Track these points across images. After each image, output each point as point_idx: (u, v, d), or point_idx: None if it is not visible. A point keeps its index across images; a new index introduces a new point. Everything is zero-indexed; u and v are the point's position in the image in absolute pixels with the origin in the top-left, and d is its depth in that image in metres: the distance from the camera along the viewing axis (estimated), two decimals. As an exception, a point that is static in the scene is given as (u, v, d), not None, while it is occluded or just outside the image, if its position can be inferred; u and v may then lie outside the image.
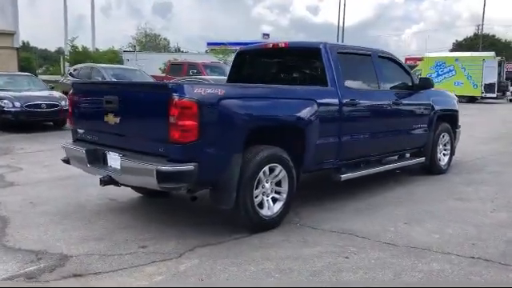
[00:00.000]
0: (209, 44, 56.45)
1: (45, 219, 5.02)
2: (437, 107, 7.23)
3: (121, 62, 34.28)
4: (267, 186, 4.70)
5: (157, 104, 4.11)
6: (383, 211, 5.47)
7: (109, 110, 4.52)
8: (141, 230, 4.68)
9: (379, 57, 6.42)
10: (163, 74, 19.94)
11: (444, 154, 7.69)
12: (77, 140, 5.15)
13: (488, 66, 28.01)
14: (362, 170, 5.92)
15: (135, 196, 5.88)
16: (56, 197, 5.93)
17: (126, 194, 5.90)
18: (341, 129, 5.44)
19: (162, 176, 3.97)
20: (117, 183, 4.59)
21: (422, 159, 7.09)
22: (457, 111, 7.91)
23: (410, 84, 6.88)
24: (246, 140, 4.40)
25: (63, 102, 12.90)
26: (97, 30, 39.86)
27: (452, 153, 7.89)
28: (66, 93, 14.79)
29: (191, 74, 16.06)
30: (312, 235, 4.62)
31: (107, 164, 4.71)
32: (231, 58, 33.76)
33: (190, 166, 3.99)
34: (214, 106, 4.13)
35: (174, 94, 3.95)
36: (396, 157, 6.87)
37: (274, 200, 4.80)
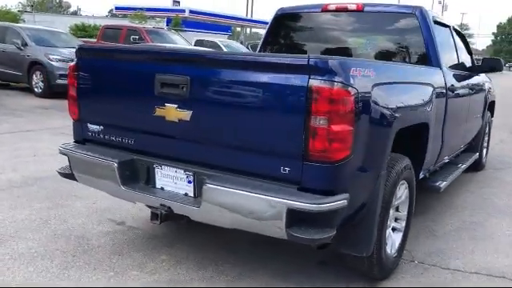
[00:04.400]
0: (117, 8, 52.21)
1: (35, 268, 3.10)
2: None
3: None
4: (391, 212, 3.20)
5: (279, 92, 2.39)
6: (487, 230, 4.27)
7: (168, 98, 2.69)
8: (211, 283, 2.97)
9: (454, 30, 5.08)
10: (91, 40, 17.09)
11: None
12: (87, 141, 3.20)
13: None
14: (449, 175, 4.60)
15: (147, 215, 4.04)
16: (28, 220, 3.91)
17: (131, 211, 4.10)
18: (444, 122, 4.06)
19: (298, 218, 2.31)
20: (179, 218, 2.81)
21: (477, 155, 5.97)
22: (494, 98, 6.89)
23: (471, 65, 5.63)
24: (387, 148, 2.85)
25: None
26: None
27: (488, 145, 6.91)
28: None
29: (132, 40, 13.69)
30: (455, 282, 3.23)
31: (155, 185, 2.89)
32: (150, 24, 31.09)
33: (343, 200, 2.37)
34: (368, 96, 2.52)
35: (319, 78, 2.27)
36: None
37: (393, 230, 3.33)
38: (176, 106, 2.66)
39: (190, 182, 2.75)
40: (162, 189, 2.87)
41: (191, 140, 2.70)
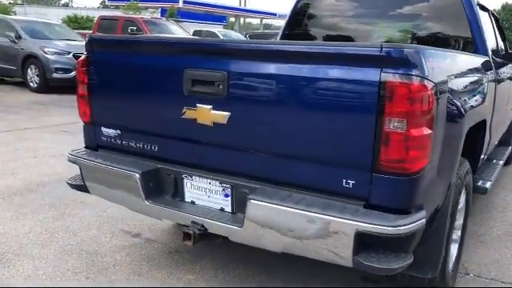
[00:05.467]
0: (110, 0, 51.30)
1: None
2: (518, 82, 5.71)
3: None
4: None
5: (342, 89, 1.97)
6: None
7: (200, 97, 2.26)
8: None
9: (492, 15, 4.66)
10: (88, 31, 16.53)
11: (510, 139, 6.27)
12: (100, 147, 2.77)
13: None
14: (491, 173, 4.20)
15: (164, 224, 3.65)
16: (33, 233, 3.49)
17: (146, 221, 3.66)
18: (492, 116, 3.66)
19: (364, 242, 1.91)
20: (214, 237, 2.40)
21: (510, 148, 5.57)
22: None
23: (505, 51, 5.21)
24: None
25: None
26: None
27: (515, 137, 6.50)
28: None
29: (130, 31, 13.16)
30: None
31: (183, 199, 2.48)
32: (144, 14, 30.47)
33: (421, 220, 1.96)
34: (444, 92, 2.12)
35: (394, 71, 1.85)
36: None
37: (448, 242, 2.93)
38: (210, 106, 2.24)
39: (226, 195, 2.34)
40: (193, 203, 2.46)
41: (228, 146, 2.29)
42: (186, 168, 2.44)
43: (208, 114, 2.25)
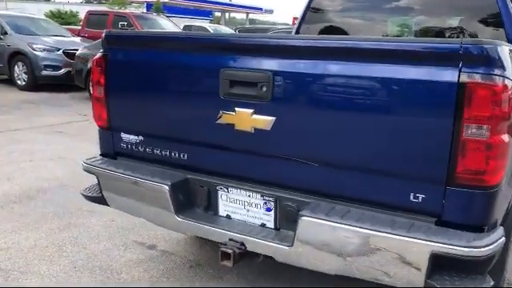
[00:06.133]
0: (93, -6, 50.37)
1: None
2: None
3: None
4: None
5: (411, 92, 1.74)
6: None
7: (239, 101, 2.01)
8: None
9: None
10: (76, 27, 16.05)
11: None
12: (119, 155, 2.50)
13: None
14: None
15: (179, 235, 3.39)
16: (39, 247, 3.22)
17: (160, 230, 3.39)
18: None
19: (437, 263, 1.68)
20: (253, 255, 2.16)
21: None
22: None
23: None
24: None
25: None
26: None
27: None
28: None
29: (120, 27, 12.77)
30: None
31: (217, 213, 2.23)
32: (129, 9, 29.89)
33: (502, 239, 1.74)
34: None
35: (474, 71, 1.63)
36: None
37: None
38: (251, 110, 1.99)
39: (268, 209, 2.09)
40: (228, 217, 2.21)
41: (272, 155, 2.04)
42: (221, 179, 2.19)
43: (248, 119, 2.00)
